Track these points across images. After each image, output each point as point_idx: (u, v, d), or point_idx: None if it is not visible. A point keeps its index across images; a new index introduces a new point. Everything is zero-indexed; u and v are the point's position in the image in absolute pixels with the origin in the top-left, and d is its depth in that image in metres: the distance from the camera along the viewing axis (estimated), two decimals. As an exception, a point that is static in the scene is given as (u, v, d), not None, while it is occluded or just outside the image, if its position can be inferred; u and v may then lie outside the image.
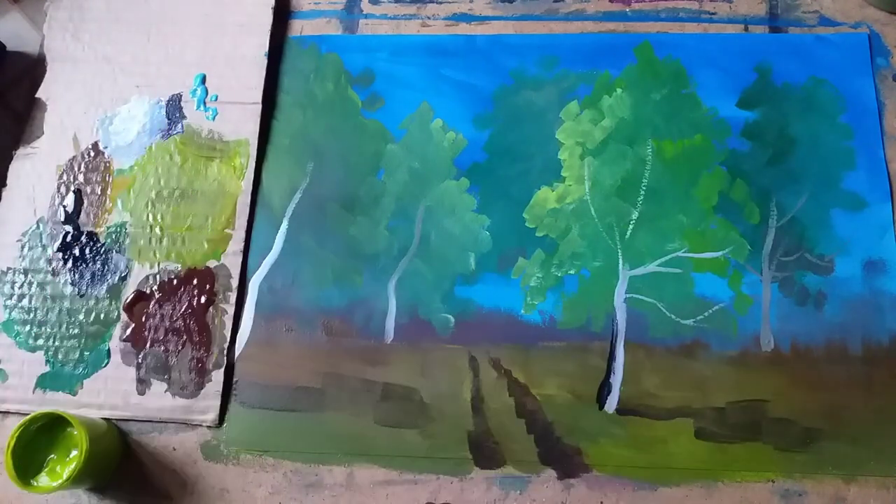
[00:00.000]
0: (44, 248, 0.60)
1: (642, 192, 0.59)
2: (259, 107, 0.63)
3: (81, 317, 0.58)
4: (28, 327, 0.58)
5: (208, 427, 0.55)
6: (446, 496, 0.52)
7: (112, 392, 0.56)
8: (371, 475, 0.53)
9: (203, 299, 0.58)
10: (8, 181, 0.62)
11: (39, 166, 0.62)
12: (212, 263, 0.59)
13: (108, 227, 0.60)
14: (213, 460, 0.54)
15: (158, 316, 0.58)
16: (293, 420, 0.55)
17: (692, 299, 0.56)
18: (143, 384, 0.56)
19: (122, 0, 0.67)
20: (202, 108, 0.63)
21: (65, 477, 0.49)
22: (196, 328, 0.57)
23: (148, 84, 0.64)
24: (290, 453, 0.54)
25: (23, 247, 0.60)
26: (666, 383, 0.54)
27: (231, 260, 0.59)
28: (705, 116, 0.60)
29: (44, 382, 0.57)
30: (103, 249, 0.60)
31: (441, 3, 0.66)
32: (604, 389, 0.54)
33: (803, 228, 0.57)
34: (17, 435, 0.49)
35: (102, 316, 0.58)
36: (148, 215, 0.61)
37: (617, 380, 0.54)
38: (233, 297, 0.58)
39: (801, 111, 0.60)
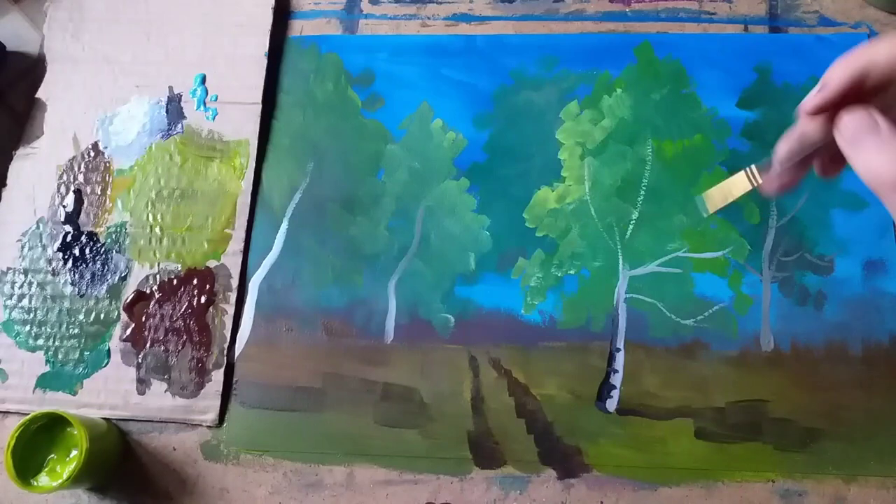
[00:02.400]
0: (44, 248, 0.60)
1: (642, 192, 0.59)
2: (259, 107, 0.63)
3: (81, 317, 0.58)
4: (28, 327, 0.58)
5: (208, 427, 0.55)
6: (446, 496, 0.52)
7: (112, 392, 0.56)
8: (371, 475, 0.53)
9: (203, 299, 0.58)
10: (8, 181, 0.62)
11: (39, 166, 0.62)
12: (212, 263, 0.59)
13: (108, 227, 0.60)
14: (213, 460, 0.54)
15: (158, 316, 0.58)
16: (293, 420, 0.55)
17: (692, 299, 0.56)
18: (143, 384, 0.56)
19: (122, 0, 0.67)
20: (202, 108, 0.63)
21: (65, 477, 0.49)
22: (196, 328, 0.57)
23: (148, 84, 0.64)
24: (290, 453, 0.54)
25: (23, 247, 0.60)
26: (666, 383, 0.54)
27: (231, 260, 0.59)
28: (705, 116, 0.60)
29: (44, 382, 0.57)
30: (103, 249, 0.60)
31: (441, 3, 0.66)
32: (604, 389, 0.54)
33: (803, 228, 0.57)
34: (17, 435, 0.49)
35: (102, 316, 0.58)
36: (148, 215, 0.61)
37: (617, 380, 0.54)
38: (233, 297, 0.58)
39: (801, 111, 0.60)
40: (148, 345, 0.57)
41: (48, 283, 0.59)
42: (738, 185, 0.42)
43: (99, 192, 0.62)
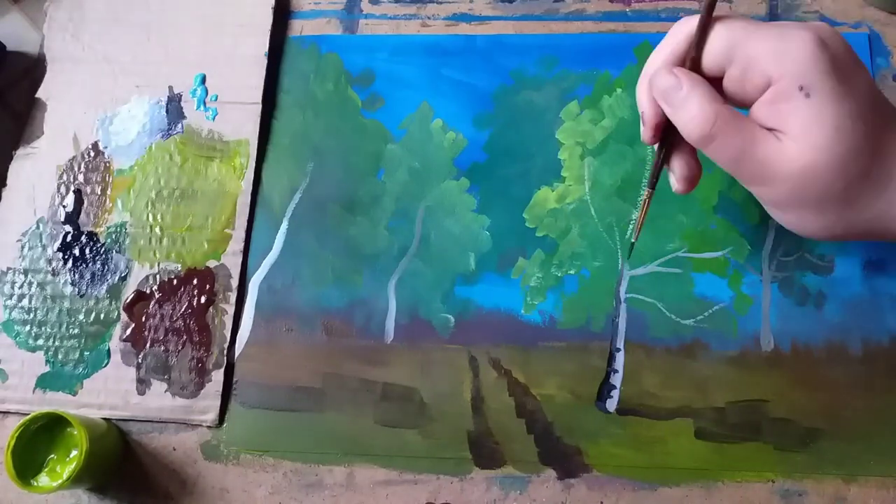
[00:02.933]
0: (44, 248, 0.60)
1: (642, 193, 0.59)
2: (259, 107, 0.63)
3: (81, 317, 0.58)
4: (28, 327, 0.58)
5: (208, 427, 0.55)
6: (446, 496, 0.52)
7: (112, 392, 0.56)
8: (371, 475, 0.53)
9: (203, 299, 0.58)
10: (8, 181, 0.62)
11: (39, 166, 0.63)
12: (212, 263, 0.59)
13: (108, 227, 0.60)
14: (213, 460, 0.54)
15: (158, 316, 0.58)
16: (293, 420, 0.55)
17: (692, 299, 0.56)
18: (143, 384, 0.56)
19: (122, 0, 0.67)
20: (202, 108, 0.63)
21: (65, 477, 0.49)
22: (196, 328, 0.57)
23: (148, 84, 0.64)
24: (290, 453, 0.54)
25: (23, 247, 0.60)
26: (666, 383, 0.54)
27: (231, 260, 0.59)
28: (705, 116, 0.60)
29: (44, 382, 0.57)
30: (103, 249, 0.60)
31: (441, 3, 0.66)
32: (604, 389, 0.54)
33: (803, 228, 0.57)
34: (17, 435, 0.49)
35: (102, 316, 0.58)
36: (148, 215, 0.61)
37: (617, 380, 0.54)
38: (233, 297, 0.58)
39: (801, 111, 0.60)
40: (148, 345, 0.57)
41: (48, 283, 0.59)
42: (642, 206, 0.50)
43: (99, 192, 0.62)
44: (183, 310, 0.58)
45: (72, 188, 0.62)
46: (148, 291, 0.58)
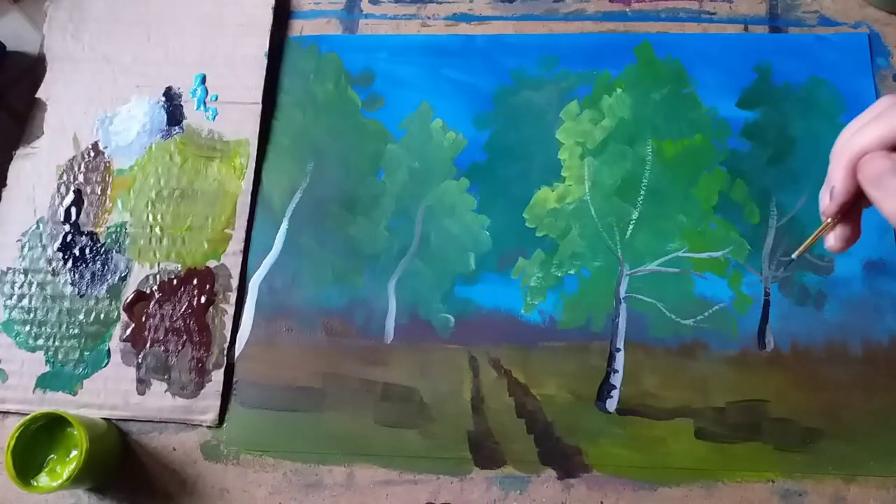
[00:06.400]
0: (44, 248, 0.60)
1: (642, 192, 0.59)
2: (259, 107, 0.63)
3: (81, 317, 0.58)
4: (28, 327, 0.58)
5: (208, 427, 0.55)
6: (446, 496, 0.52)
7: (112, 392, 0.56)
8: (371, 475, 0.53)
9: (203, 299, 0.58)
10: (8, 181, 0.62)
11: (39, 166, 0.63)
12: (212, 263, 0.59)
13: (108, 227, 0.60)
14: (213, 460, 0.54)
15: (158, 316, 0.58)
16: (293, 420, 0.55)
17: (692, 299, 0.56)
18: (143, 384, 0.56)
19: (122, 0, 0.67)
20: (202, 108, 0.63)
21: (65, 477, 0.49)
22: (196, 328, 0.57)
23: (148, 84, 0.64)
24: (290, 453, 0.54)
25: (23, 247, 0.60)
26: (666, 383, 0.54)
27: (231, 260, 0.59)
28: (705, 116, 0.60)
29: (44, 382, 0.57)
30: (103, 249, 0.60)
31: (441, 3, 0.66)
32: (604, 389, 0.54)
33: (803, 228, 0.57)
34: (17, 435, 0.49)
35: (102, 316, 0.58)
36: (148, 215, 0.61)
37: (617, 380, 0.54)
38: (233, 297, 0.58)
39: (801, 111, 0.60)
40: (148, 345, 0.57)
41: (48, 283, 0.59)
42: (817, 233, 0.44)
43: (99, 192, 0.62)
44: (183, 310, 0.58)
45: (72, 188, 0.62)
46: (148, 291, 0.58)
